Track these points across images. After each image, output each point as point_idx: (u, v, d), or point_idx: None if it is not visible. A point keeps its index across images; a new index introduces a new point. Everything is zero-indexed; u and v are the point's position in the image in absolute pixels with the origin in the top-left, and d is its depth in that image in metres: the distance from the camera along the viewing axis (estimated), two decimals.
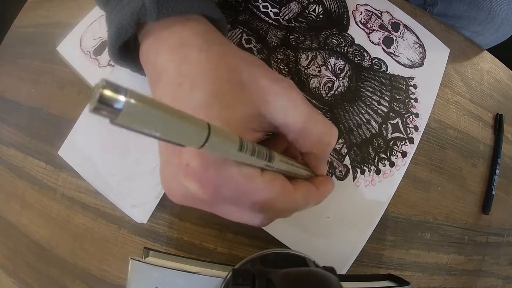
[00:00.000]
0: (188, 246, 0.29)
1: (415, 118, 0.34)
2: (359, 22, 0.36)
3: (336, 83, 0.33)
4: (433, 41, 0.38)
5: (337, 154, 0.31)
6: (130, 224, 0.30)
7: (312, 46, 0.33)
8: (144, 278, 0.22)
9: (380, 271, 0.32)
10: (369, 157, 0.32)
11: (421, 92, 0.35)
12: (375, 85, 0.34)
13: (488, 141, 0.40)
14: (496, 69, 0.44)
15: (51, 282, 0.30)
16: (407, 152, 0.33)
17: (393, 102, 0.34)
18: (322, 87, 0.32)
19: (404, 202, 0.34)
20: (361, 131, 0.32)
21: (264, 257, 0.22)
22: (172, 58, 0.18)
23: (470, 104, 0.40)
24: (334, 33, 0.34)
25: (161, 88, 0.19)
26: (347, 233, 0.30)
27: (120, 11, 0.20)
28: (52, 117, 0.34)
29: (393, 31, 0.36)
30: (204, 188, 0.16)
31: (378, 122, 0.33)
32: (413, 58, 0.36)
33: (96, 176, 0.30)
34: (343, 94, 0.33)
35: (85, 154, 0.30)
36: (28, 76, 0.36)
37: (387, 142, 0.32)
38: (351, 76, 0.33)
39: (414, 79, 0.35)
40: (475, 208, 0.38)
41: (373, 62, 0.34)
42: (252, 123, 0.18)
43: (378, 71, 0.34)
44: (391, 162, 0.32)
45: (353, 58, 0.34)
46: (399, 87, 0.35)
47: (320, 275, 0.18)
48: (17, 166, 0.33)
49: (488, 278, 0.38)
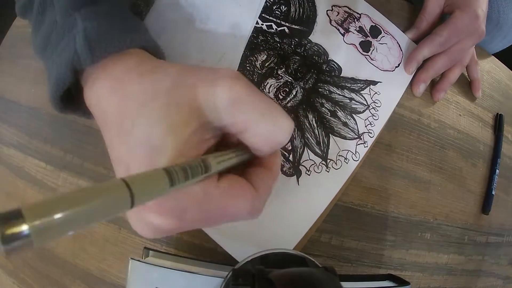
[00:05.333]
0: (188, 246, 0.29)
1: (374, 121, 0.33)
2: (334, 22, 0.35)
3: (296, 88, 0.32)
4: (409, 45, 0.37)
5: (286, 152, 0.30)
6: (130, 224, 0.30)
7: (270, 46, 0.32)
8: (144, 278, 0.22)
9: (380, 271, 0.32)
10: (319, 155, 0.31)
11: (383, 97, 0.34)
12: (331, 88, 0.33)
13: (488, 141, 0.41)
14: (496, 69, 0.44)
15: (51, 282, 0.30)
16: (359, 152, 0.32)
17: (349, 105, 0.33)
18: (279, 92, 0.31)
19: (404, 202, 0.34)
20: (316, 131, 0.31)
21: (264, 257, 0.22)
22: (111, 99, 0.18)
23: (470, 104, 0.40)
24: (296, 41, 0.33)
25: (107, 131, 0.18)
26: (280, 229, 0.29)
27: (55, 60, 0.19)
28: (52, 117, 0.34)
29: (372, 36, 0.36)
30: (168, 219, 0.16)
31: (333, 120, 0.32)
32: (388, 63, 0.36)
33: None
34: (301, 99, 0.32)
35: None
36: (28, 76, 0.36)
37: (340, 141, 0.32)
38: (310, 80, 0.32)
39: (379, 84, 0.34)
40: (475, 208, 0.38)
41: (329, 65, 0.33)
42: (203, 135, 0.18)
43: (333, 76, 0.33)
44: (343, 159, 0.31)
45: (312, 60, 0.33)
46: (358, 89, 0.34)
47: (320, 275, 0.18)
48: (17, 166, 0.33)
49: (488, 278, 0.38)
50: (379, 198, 0.33)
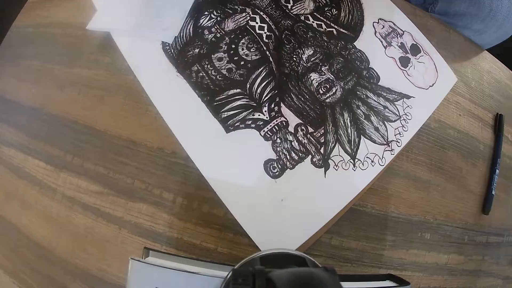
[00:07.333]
0: (188, 246, 0.29)
1: (403, 132, 0.35)
2: (378, 34, 0.37)
3: (337, 86, 0.34)
4: (445, 68, 0.39)
5: (319, 144, 0.32)
6: (130, 224, 0.30)
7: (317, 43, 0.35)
8: (144, 278, 0.22)
9: (380, 271, 0.32)
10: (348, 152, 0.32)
11: (415, 111, 0.36)
12: (369, 94, 0.35)
13: (488, 141, 0.41)
14: (496, 69, 0.44)
15: (51, 282, 0.30)
16: (385, 158, 0.33)
17: (382, 112, 0.35)
18: (320, 86, 0.33)
19: (404, 202, 0.34)
20: (349, 130, 0.33)
21: (264, 257, 0.22)
22: None
23: (470, 104, 0.40)
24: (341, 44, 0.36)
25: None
26: (302, 217, 0.30)
27: None
28: (52, 117, 0.34)
29: (411, 53, 0.38)
30: None
31: (366, 124, 0.34)
32: (423, 81, 0.37)
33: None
34: (339, 97, 0.34)
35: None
36: (28, 76, 0.36)
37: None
38: (350, 81, 0.35)
39: (412, 99, 0.36)
40: (475, 208, 0.38)
41: (369, 72, 0.36)
42: None
43: (372, 82, 0.35)
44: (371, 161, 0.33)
45: (354, 64, 0.35)
46: (393, 99, 0.36)
47: (320, 275, 0.18)
48: (17, 166, 0.33)
49: (488, 278, 0.38)
50: (379, 198, 0.33)
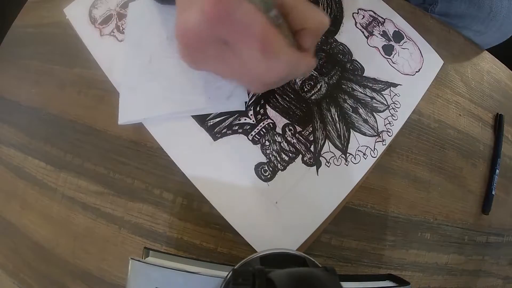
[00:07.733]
0: (188, 246, 0.29)
1: (393, 121, 0.34)
2: (359, 24, 0.37)
3: (321, 82, 0.34)
4: (430, 52, 0.38)
5: (308, 142, 0.32)
6: (130, 224, 0.30)
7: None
8: (144, 278, 0.22)
9: (380, 271, 0.32)
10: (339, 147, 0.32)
11: (403, 99, 0.35)
12: (354, 86, 0.34)
13: (488, 141, 0.41)
14: (496, 69, 0.44)
15: (51, 282, 0.30)
16: (377, 149, 0.33)
17: (370, 103, 0.34)
18: (304, 84, 0.33)
19: (404, 202, 0.34)
20: (337, 125, 0.33)
21: (264, 257, 0.22)
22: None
23: (470, 104, 0.40)
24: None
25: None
26: (298, 218, 0.30)
27: None
28: (52, 117, 0.34)
29: (394, 41, 0.37)
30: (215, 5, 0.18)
31: (354, 117, 0.33)
32: (409, 67, 0.37)
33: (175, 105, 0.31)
34: (324, 93, 0.34)
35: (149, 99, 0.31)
36: (28, 76, 0.36)
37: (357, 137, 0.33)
38: (334, 76, 0.34)
39: (399, 87, 0.36)
40: (475, 208, 0.38)
41: (353, 64, 0.35)
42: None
43: (356, 74, 0.35)
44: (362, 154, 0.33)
45: (337, 58, 0.35)
46: (379, 89, 0.35)
47: (320, 275, 0.18)
48: (17, 166, 0.33)
49: (488, 278, 0.38)
50: (379, 198, 0.33)
